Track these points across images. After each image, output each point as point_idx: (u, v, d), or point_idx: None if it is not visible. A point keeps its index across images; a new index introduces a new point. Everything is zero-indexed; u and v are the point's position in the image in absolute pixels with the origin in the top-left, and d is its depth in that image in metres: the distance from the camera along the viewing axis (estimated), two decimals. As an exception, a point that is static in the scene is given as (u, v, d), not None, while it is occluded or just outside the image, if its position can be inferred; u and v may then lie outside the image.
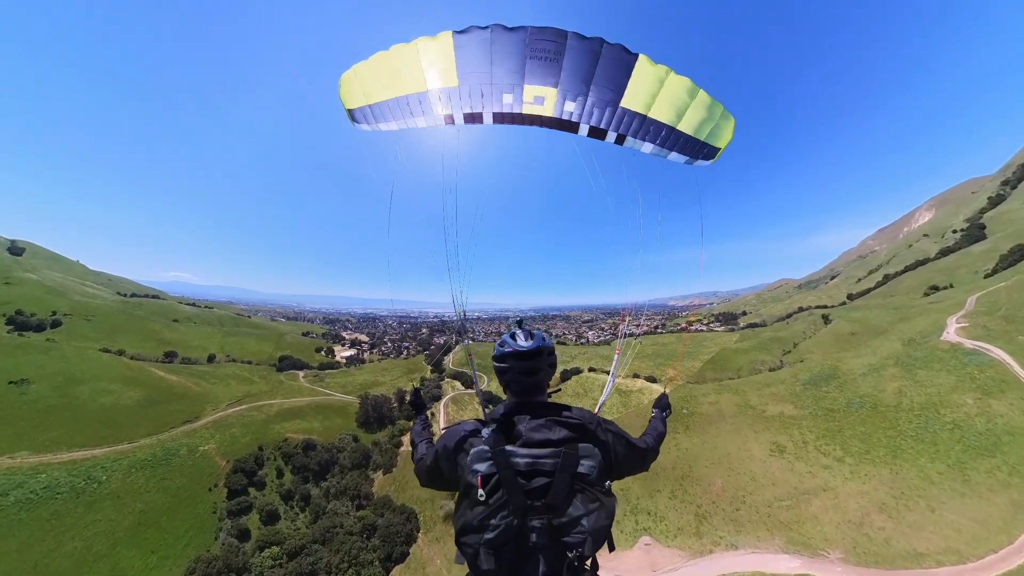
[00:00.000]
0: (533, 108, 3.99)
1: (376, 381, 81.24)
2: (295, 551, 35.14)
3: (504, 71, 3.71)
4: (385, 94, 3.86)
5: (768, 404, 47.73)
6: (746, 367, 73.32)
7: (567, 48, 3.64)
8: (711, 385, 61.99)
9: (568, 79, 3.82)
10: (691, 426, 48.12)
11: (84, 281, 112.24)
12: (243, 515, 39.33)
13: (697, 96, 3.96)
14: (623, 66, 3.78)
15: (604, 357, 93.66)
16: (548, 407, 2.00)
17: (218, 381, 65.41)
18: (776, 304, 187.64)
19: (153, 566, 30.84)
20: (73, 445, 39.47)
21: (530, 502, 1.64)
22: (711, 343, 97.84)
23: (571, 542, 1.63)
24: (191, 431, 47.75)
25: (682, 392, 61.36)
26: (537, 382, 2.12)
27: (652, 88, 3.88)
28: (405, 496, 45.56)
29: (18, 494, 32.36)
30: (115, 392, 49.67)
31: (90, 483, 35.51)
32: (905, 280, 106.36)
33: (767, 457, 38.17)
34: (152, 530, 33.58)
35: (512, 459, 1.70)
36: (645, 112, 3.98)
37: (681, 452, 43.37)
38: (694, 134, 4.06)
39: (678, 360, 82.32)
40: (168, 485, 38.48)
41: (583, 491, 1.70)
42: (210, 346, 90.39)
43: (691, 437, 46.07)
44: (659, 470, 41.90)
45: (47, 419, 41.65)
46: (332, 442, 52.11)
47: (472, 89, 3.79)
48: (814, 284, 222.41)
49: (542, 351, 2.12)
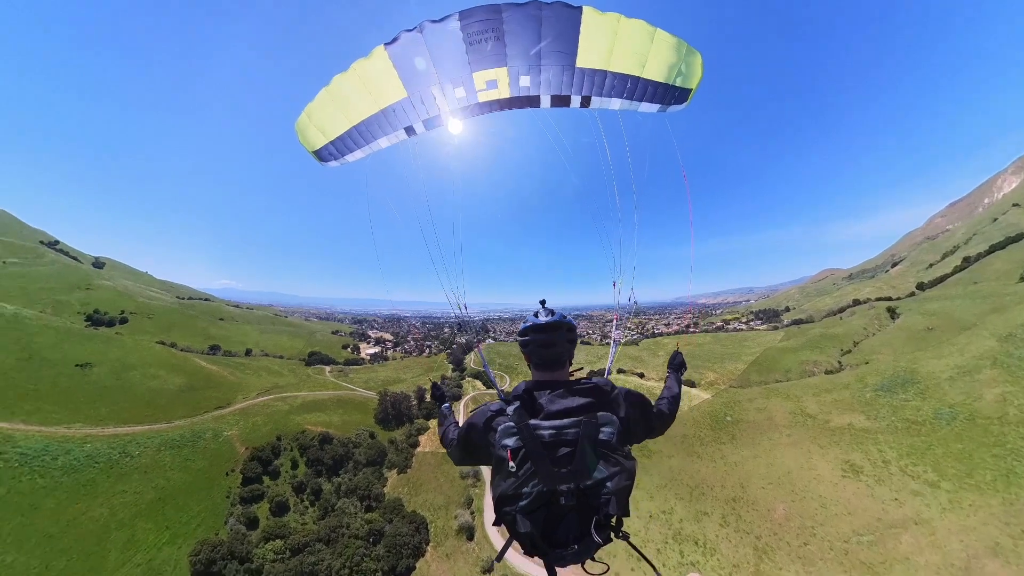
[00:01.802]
0: (488, 94, 3.92)
1: (398, 378, 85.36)
2: (298, 547, 35.58)
3: (448, 66, 3.64)
4: (341, 127, 3.91)
5: (832, 413, 43.42)
6: (796, 369, 67.87)
7: (504, 22, 3.47)
8: (757, 389, 57.81)
9: (515, 54, 3.67)
10: (738, 436, 44.78)
11: (149, 287, 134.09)
12: (254, 503, 41.19)
13: (656, 38, 3.68)
14: (569, 23, 3.56)
15: (633, 358, 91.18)
16: (565, 382, 2.21)
17: (251, 372, 72.78)
18: (823, 298, 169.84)
19: (165, 541, 34.15)
20: (119, 421, 45.57)
21: (557, 469, 1.83)
22: (752, 342, 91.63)
23: (597, 503, 1.84)
24: (219, 416, 52.36)
25: (724, 397, 57.32)
26: (556, 354, 2.30)
27: (606, 40, 3.63)
28: (417, 501, 44.80)
29: (65, 460, 37.35)
30: (161, 377, 56.42)
31: (124, 456, 40.44)
32: (993, 262, 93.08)
33: (839, 479, 33.90)
34: (169, 507, 37.29)
35: (537, 432, 1.89)
36: (605, 67, 3.76)
37: (729, 467, 40.05)
38: (661, 79, 3.80)
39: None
40: (190, 466, 42.35)
41: (605, 456, 1.89)
42: (248, 341, 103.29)
43: (739, 449, 42.51)
44: (705, 487, 38.75)
45: (102, 397, 48.66)
46: (349, 436, 53.79)
47: (423, 94, 3.77)
48: (870, 273, 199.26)
49: (560, 325, 2.32)
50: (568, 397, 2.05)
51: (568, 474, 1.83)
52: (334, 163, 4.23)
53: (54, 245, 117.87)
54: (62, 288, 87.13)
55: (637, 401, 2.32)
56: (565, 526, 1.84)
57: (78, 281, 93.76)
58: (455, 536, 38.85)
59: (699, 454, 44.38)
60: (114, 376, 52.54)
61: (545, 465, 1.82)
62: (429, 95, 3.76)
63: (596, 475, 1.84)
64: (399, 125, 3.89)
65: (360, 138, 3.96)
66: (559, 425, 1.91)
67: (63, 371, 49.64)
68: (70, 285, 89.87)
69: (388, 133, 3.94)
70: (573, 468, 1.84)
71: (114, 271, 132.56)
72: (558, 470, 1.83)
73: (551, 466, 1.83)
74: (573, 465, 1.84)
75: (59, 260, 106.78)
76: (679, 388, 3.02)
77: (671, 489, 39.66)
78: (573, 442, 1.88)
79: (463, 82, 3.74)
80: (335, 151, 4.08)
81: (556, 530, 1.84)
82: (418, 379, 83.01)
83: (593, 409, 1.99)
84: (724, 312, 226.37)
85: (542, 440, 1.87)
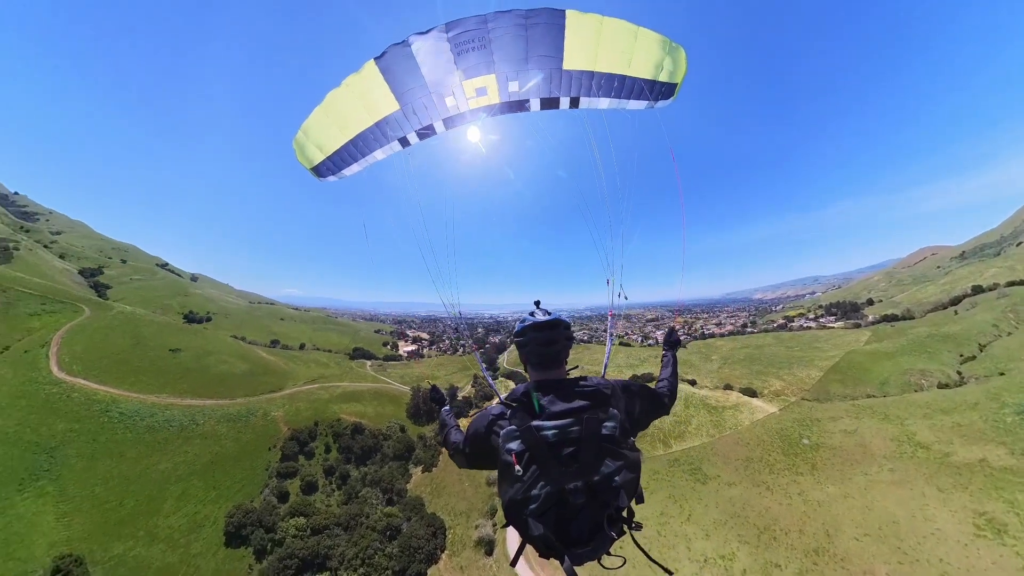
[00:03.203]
0: (478, 101, 4.19)
1: (432, 375, 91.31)
2: (319, 528, 38.06)
3: (437, 76, 3.87)
4: (337, 142, 4.16)
5: (954, 443, 35.03)
6: (895, 380, 53.55)
7: (490, 30, 3.69)
8: (842, 405, 48.53)
9: (503, 60, 3.92)
10: (820, 466, 37.89)
11: (229, 295, 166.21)
12: (288, 478, 45.74)
13: (639, 36, 3.81)
14: (554, 28, 3.76)
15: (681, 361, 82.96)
16: (564, 381, 2.28)
17: (302, 363, 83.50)
18: (924, 286, 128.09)
19: (210, 500, 40.17)
20: (195, 395, 55.89)
21: (563, 469, 1.89)
22: (827, 344, 76.34)
23: (607, 498, 1.90)
24: (270, 399, 60.01)
25: (796, 412, 49.32)
26: (555, 353, 2.37)
27: (591, 41, 3.81)
28: (439, 503, 44.73)
29: (149, 421, 47.11)
30: (230, 363, 67.76)
31: (192, 423, 49.11)
32: None
33: (970, 538, 26.11)
34: (218, 470, 43.81)
35: (540, 433, 1.94)
36: (591, 68, 3.94)
37: (810, 507, 33.40)
38: (648, 76, 3.96)
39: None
40: (241, 437, 49.42)
41: (610, 451, 1.95)
42: (302, 337, 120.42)
43: (823, 483, 35.72)
44: (777, 531, 31.98)
45: (185, 375, 60.14)
46: (380, 428, 56.87)
47: (415, 106, 4.03)
48: (991, 249, 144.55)
49: (559, 323, 2.42)
50: (569, 397, 2.10)
51: (575, 472, 1.88)
52: (332, 178, 4.53)
53: (164, 266, 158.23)
54: (168, 295, 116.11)
55: (636, 390, 2.45)
56: (578, 524, 1.88)
57: (178, 290, 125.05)
58: (472, 548, 37.27)
59: (768, 485, 37.73)
60: (196, 360, 64.09)
61: (551, 466, 1.88)
62: (421, 106, 4.01)
63: (603, 470, 1.90)
64: (393, 137, 4.15)
65: (356, 152, 4.26)
66: (561, 424, 1.96)
67: (160, 354, 62.39)
68: (173, 293, 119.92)
69: (383, 145, 4.21)
70: (579, 466, 1.89)
71: (204, 283, 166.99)
72: (565, 469, 1.88)
73: (557, 466, 1.88)
74: (579, 463, 1.89)
75: (167, 276, 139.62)
76: (675, 365, 3.17)
77: (732, 528, 33.48)
78: (577, 440, 1.93)
79: (453, 91, 3.96)
80: (332, 166, 4.35)
81: (569, 529, 1.88)
82: (451, 376, 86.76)
83: (594, 408, 2.05)
84: (786, 307, 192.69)
85: (546, 441, 1.92)
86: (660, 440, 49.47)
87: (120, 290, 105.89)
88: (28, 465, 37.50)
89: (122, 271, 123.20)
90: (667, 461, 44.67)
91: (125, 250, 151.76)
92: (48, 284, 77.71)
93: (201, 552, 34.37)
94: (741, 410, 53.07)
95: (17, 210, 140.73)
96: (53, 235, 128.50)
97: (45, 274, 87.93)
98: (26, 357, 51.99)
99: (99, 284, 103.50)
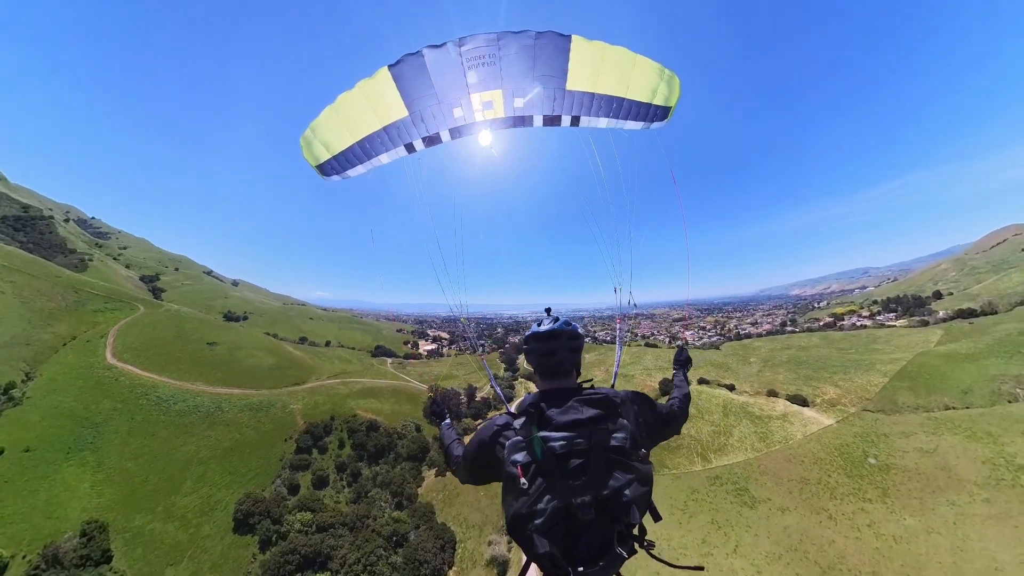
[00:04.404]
0: (484, 114, 4.44)
1: (451, 374, 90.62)
2: (324, 525, 37.92)
3: (447, 87, 4.12)
4: (344, 143, 4.29)
5: None
6: (981, 388, 45.59)
7: (500, 48, 3.94)
8: (915, 417, 42.49)
9: (510, 77, 4.17)
10: (893, 491, 32.76)
11: (265, 297, 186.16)
12: (300, 471, 46.48)
13: (637, 63, 4.13)
14: (560, 50, 4.00)
15: (717, 365, 73.57)
16: (574, 391, 2.19)
17: (326, 359, 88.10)
18: (1008, 273, 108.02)
19: (225, 484, 41.74)
20: (225, 384, 59.84)
21: (571, 482, 1.79)
22: (888, 344, 67.39)
23: (617, 513, 1.80)
24: (292, 392, 62.58)
25: (858, 425, 43.47)
26: (557, 363, 2.31)
27: (593, 65, 4.09)
28: (450, 513, 42.25)
29: (181, 406, 50.76)
30: (259, 357, 72.55)
31: (218, 410, 52.06)
32: None
33: None
34: (236, 457, 45.66)
35: (547, 444, 1.85)
36: (592, 90, 4.22)
37: (885, 542, 28.51)
38: (644, 99, 4.27)
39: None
40: (259, 427, 51.46)
41: (619, 463, 1.86)
42: (328, 335, 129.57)
43: (899, 513, 30.56)
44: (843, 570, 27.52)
45: (219, 366, 64.93)
46: (395, 427, 56.64)
47: (423, 114, 4.26)
48: None
49: (560, 333, 2.33)
50: (578, 407, 2.02)
51: (583, 486, 1.78)
52: (336, 177, 4.66)
53: (210, 273, 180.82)
54: (211, 297, 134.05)
55: (647, 403, 2.38)
56: (586, 541, 1.78)
57: (220, 293, 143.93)
58: (484, 567, 34.77)
59: (831, 513, 32.69)
60: (229, 352, 69.65)
61: (558, 479, 1.79)
62: (429, 114, 4.23)
63: (612, 483, 1.80)
64: (400, 142, 4.35)
65: (362, 154, 4.37)
66: (569, 436, 1.87)
67: (198, 346, 68.44)
68: (216, 295, 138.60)
69: (389, 149, 4.39)
70: (588, 479, 1.80)
71: (244, 288, 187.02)
72: (572, 483, 1.78)
73: (565, 479, 1.79)
74: (588, 476, 1.80)
75: (212, 282, 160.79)
76: (688, 386, 3.15)
77: (790, 565, 28.72)
78: (585, 452, 1.84)
79: (461, 102, 4.21)
80: (337, 166, 4.46)
81: (577, 547, 1.78)
82: (469, 376, 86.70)
83: (604, 419, 1.96)
84: (832, 303, 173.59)
85: (553, 453, 1.83)
86: (698, 453, 45.12)
87: (172, 293, 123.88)
88: (77, 436, 41.57)
89: (175, 277, 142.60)
90: (707, 478, 40.31)
91: (179, 260, 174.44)
92: (112, 287, 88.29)
93: (210, 535, 35.62)
94: (791, 421, 47.76)
95: (94, 231, 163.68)
96: (121, 249, 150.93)
97: (112, 280, 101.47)
98: (87, 346, 58.83)
99: (156, 288, 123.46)
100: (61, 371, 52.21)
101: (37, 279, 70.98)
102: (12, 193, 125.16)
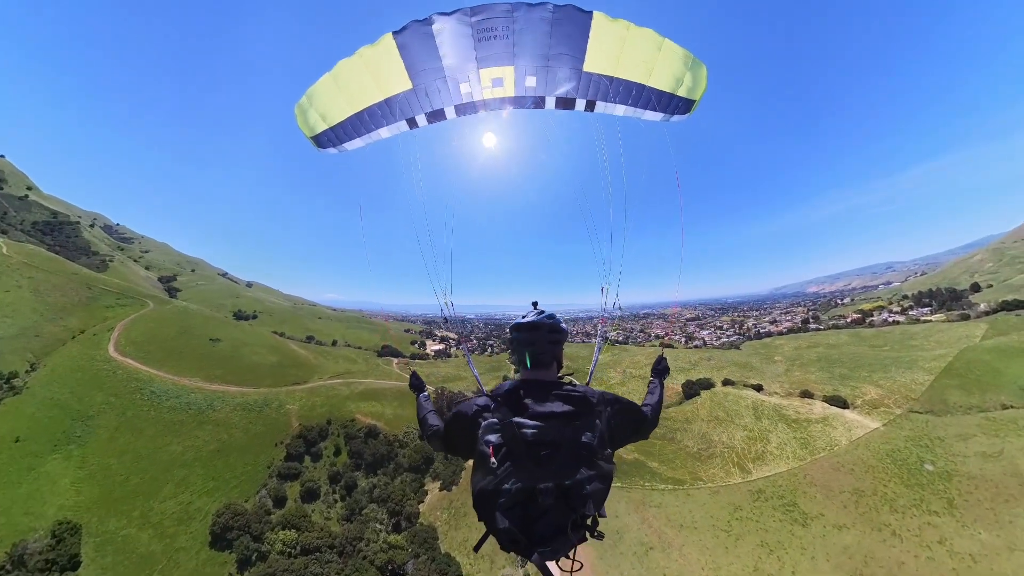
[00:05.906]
0: (493, 92, 4.07)
1: (458, 375, 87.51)
2: (309, 548, 34.08)
3: (455, 60, 3.77)
4: (342, 113, 3.94)
5: None
6: None
7: (515, 21, 3.60)
8: (971, 418, 39.27)
9: (524, 54, 3.81)
10: (959, 501, 30.01)
11: (276, 298, 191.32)
12: (288, 480, 42.78)
13: (663, 48, 3.75)
14: (579, 28, 3.65)
15: (740, 365, 69.67)
16: (553, 383, 2.29)
17: (331, 359, 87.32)
18: None
19: (206, 491, 39.29)
20: (225, 381, 58.48)
21: (538, 468, 1.93)
22: (928, 340, 63.65)
23: (575, 503, 1.93)
24: (291, 391, 60.50)
25: (907, 428, 40.41)
26: (536, 354, 2.40)
27: (614, 47, 3.72)
28: (456, 538, 36.92)
29: (173, 402, 49.08)
30: (262, 354, 72.16)
31: (209, 409, 50.16)
32: None
33: None
34: (221, 461, 43.18)
35: (520, 431, 1.98)
36: (612, 73, 3.84)
37: (959, 562, 25.79)
38: (667, 89, 3.89)
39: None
40: (251, 428, 48.94)
41: (586, 459, 1.99)
42: (335, 334, 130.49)
43: (971, 528, 27.55)
44: None
45: (220, 362, 64.14)
46: (397, 433, 52.32)
47: (428, 87, 3.90)
48: None
49: (541, 325, 2.46)
50: (554, 400, 2.12)
51: (548, 474, 1.92)
52: (332, 150, 4.28)
53: (224, 275, 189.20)
54: (223, 297, 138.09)
55: (620, 406, 2.42)
56: (543, 524, 1.92)
57: (233, 293, 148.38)
58: None
59: (894, 529, 29.57)
60: (232, 349, 69.47)
61: (526, 463, 1.91)
62: (434, 88, 3.88)
63: (576, 477, 1.94)
64: (401, 116, 3.99)
65: (361, 126, 4.02)
66: (542, 426, 1.99)
67: (201, 342, 68.24)
68: (228, 295, 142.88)
69: (390, 123, 4.03)
70: (554, 468, 1.93)
71: (257, 289, 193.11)
72: (539, 469, 1.91)
73: (532, 465, 1.91)
74: (554, 466, 1.93)
75: (226, 282, 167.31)
76: (662, 395, 3.17)
77: None
78: (555, 443, 1.96)
79: (469, 78, 3.86)
80: (335, 137, 4.13)
81: (534, 527, 1.92)
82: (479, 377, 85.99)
83: (578, 415, 2.06)
84: (857, 299, 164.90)
85: (524, 439, 1.95)
86: (734, 463, 41.12)
87: (187, 292, 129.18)
88: (65, 429, 40.73)
89: (191, 278, 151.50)
90: (749, 493, 36.71)
91: (195, 263, 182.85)
92: (124, 284, 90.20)
93: (185, 547, 33.54)
94: (833, 425, 44.19)
95: (118, 235, 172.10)
96: (143, 252, 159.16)
97: (130, 279, 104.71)
98: (93, 339, 59.25)
99: (172, 288, 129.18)
100: (63, 362, 52.17)
101: (54, 275, 72.75)
102: (43, 201, 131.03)
